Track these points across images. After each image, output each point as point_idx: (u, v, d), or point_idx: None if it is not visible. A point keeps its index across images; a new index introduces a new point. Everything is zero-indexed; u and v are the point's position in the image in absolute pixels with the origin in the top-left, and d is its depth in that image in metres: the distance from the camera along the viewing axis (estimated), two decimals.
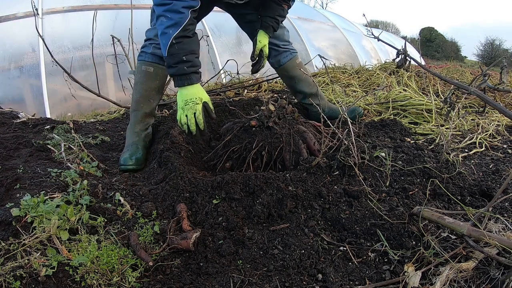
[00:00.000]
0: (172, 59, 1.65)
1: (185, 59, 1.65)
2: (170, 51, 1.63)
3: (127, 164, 1.85)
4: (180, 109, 1.69)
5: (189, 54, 1.66)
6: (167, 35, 1.62)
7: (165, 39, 1.62)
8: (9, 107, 2.80)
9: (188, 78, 1.67)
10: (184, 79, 1.67)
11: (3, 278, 1.03)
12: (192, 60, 1.67)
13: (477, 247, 1.07)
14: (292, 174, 1.52)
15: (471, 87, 1.35)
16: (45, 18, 3.66)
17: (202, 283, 1.11)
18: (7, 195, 1.47)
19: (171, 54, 1.64)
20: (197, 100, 1.67)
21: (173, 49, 1.62)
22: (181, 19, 1.62)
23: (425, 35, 30.89)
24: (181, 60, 1.64)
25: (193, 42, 1.70)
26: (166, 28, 1.62)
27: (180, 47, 1.63)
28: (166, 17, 1.62)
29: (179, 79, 1.68)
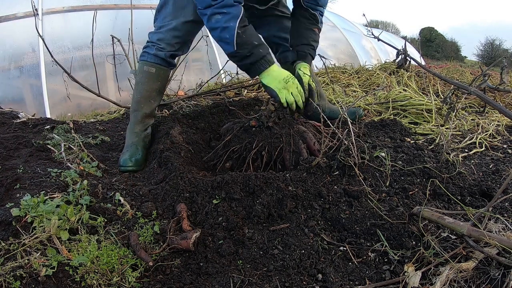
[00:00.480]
0: (244, 49, 1.62)
1: (257, 43, 1.64)
2: (239, 42, 1.60)
3: (126, 165, 1.84)
4: (281, 90, 1.66)
5: (256, 38, 1.66)
6: (229, 28, 1.59)
7: (229, 33, 1.59)
8: (9, 107, 2.80)
9: (267, 60, 1.66)
10: (265, 61, 1.65)
11: (3, 278, 1.03)
12: (262, 42, 1.68)
13: (477, 247, 1.07)
14: (292, 174, 1.52)
15: (471, 87, 1.35)
16: (45, 18, 3.66)
17: (202, 283, 1.11)
18: (7, 195, 1.47)
19: (242, 44, 1.61)
20: (291, 76, 1.68)
21: (241, 38, 1.60)
22: (237, 11, 1.62)
23: (425, 35, 30.89)
24: (254, 45, 1.63)
25: (252, 28, 1.69)
26: (226, 23, 1.59)
27: (248, 33, 1.63)
28: (222, 13, 1.60)
29: (261, 63, 1.65)
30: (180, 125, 2.16)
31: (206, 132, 2.20)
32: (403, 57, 3.82)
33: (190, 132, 2.10)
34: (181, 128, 2.09)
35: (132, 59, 3.21)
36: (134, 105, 2.08)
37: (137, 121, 2.05)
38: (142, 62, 2.07)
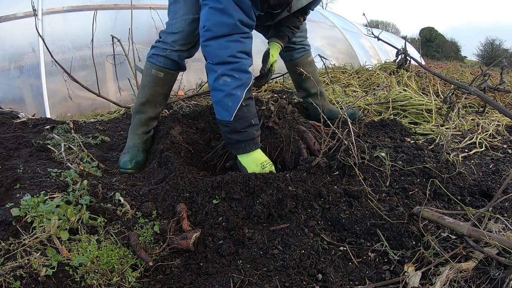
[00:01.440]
0: (240, 124, 1.52)
1: (254, 122, 1.55)
2: (239, 115, 1.50)
3: (126, 168, 1.83)
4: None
5: (255, 117, 1.58)
6: (235, 97, 1.49)
7: (233, 102, 1.49)
8: (9, 107, 2.80)
9: (256, 142, 1.58)
10: (252, 144, 1.57)
11: (3, 278, 1.03)
12: (258, 123, 1.60)
13: (477, 247, 1.07)
14: (292, 174, 1.52)
15: (471, 87, 1.35)
16: (45, 18, 3.65)
17: (202, 283, 1.11)
18: (7, 195, 1.47)
19: (240, 118, 1.51)
20: (269, 162, 1.61)
21: (242, 112, 1.50)
22: (248, 80, 1.52)
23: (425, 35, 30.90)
24: (250, 123, 1.54)
25: (254, 105, 1.61)
26: (233, 89, 1.48)
27: (249, 109, 1.53)
28: (233, 77, 1.48)
29: (247, 144, 1.56)
30: (180, 125, 2.16)
31: (206, 132, 2.19)
32: (403, 57, 3.81)
33: (190, 132, 2.10)
34: (181, 128, 2.09)
35: (132, 59, 3.21)
36: (138, 107, 2.02)
37: (141, 123, 2.01)
38: (151, 64, 1.96)
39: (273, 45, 2.05)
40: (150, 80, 1.98)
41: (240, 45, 1.50)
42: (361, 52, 7.25)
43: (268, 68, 2.03)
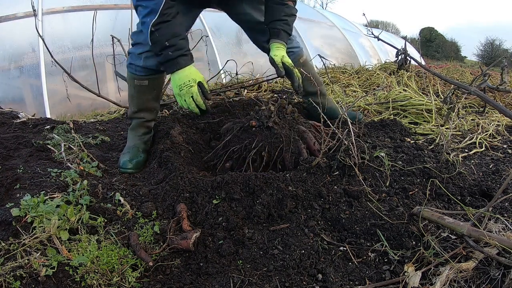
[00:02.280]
0: (155, 47, 1.61)
1: (168, 44, 1.59)
2: (152, 39, 1.59)
3: (126, 167, 1.83)
4: (177, 96, 1.64)
5: (171, 38, 1.59)
6: (145, 24, 1.59)
7: (145, 28, 1.59)
8: (9, 107, 2.80)
9: (176, 63, 1.62)
10: (172, 64, 1.62)
11: (3, 278, 1.03)
12: (175, 43, 1.60)
13: (477, 247, 1.07)
14: (292, 174, 1.52)
15: (471, 87, 1.35)
16: (45, 18, 3.66)
17: (202, 283, 1.11)
18: (7, 195, 1.47)
19: (154, 42, 1.60)
20: (190, 82, 1.60)
21: (154, 36, 1.58)
22: (156, 5, 1.56)
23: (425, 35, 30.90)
24: (164, 46, 1.59)
25: (174, 25, 1.61)
26: (143, 17, 1.59)
27: (161, 33, 1.58)
28: (142, 6, 1.59)
29: (168, 65, 1.63)
30: (180, 125, 2.16)
31: (206, 132, 2.19)
32: (403, 57, 3.82)
33: (190, 132, 2.10)
34: (181, 128, 2.09)
35: None
36: (132, 115, 2.02)
37: (139, 125, 2.02)
38: (131, 75, 1.93)
39: (272, 47, 1.95)
40: (136, 91, 1.96)
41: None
42: (361, 52, 7.25)
43: (281, 67, 1.90)
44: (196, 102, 1.61)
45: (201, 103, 1.62)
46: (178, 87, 1.62)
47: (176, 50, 1.61)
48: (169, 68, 1.64)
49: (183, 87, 1.61)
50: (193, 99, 1.61)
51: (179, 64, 1.62)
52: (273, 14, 1.96)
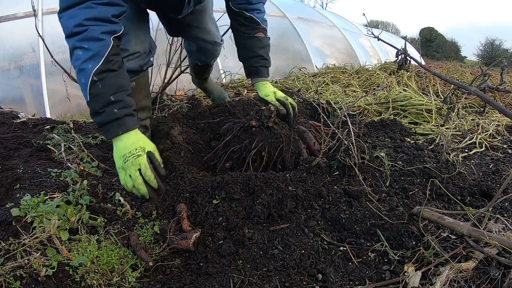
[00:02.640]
0: (96, 103, 1.24)
1: (114, 99, 1.25)
2: (93, 92, 1.23)
3: None
4: (121, 169, 1.25)
5: (118, 92, 1.26)
6: (85, 71, 1.23)
7: (84, 77, 1.23)
8: (9, 107, 2.80)
9: (121, 124, 1.26)
10: (117, 126, 1.26)
11: (3, 278, 1.03)
12: (122, 99, 1.27)
13: (477, 247, 1.07)
14: (292, 174, 1.52)
15: (471, 87, 1.35)
16: (45, 18, 3.65)
17: (202, 283, 1.11)
18: (7, 195, 1.47)
19: (95, 96, 1.24)
20: (138, 151, 1.24)
21: (95, 88, 1.23)
22: (102, 48, 1.25)
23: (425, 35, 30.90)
24: (109, 101, 1.24)
25: (120, 76, 1.30)
26: (83, 63, 1.24)
27: (105, 84, 1.24)
28: (82, 49, 1.24)
29: (111, 127, 1.26)
30: (180, 125, 2.16)
31: (206, 132, 2.19)
32: (403, 57, 3.82)
33: (190, 132, 2.10)
34: (181, 128, 2.09)
35: None
36: None
37: None
38: None
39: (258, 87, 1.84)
40: None
41: (90, 11, 1.25)
42: (361, 52, 7.25)
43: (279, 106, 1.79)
44: (144, 177, 1.22)
45: (151, 178, 1.22)
46: (122, 157, 1.24)
47: (123, 107, 1.27)
48: (112, 131, 1.26)
49: (128, 157, 1.23)
50: (140, 173, 1.22)
51: (125, 125, 1.27)
52: (246, 51, 1.84)
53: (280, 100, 1.80)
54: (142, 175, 1.21)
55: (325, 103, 2.87)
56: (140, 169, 1.22)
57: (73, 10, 1.25)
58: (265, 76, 1.85)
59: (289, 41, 5.76)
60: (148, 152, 1.26)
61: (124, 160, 1.23)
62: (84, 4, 1.24)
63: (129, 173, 1.22)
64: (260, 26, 1.80)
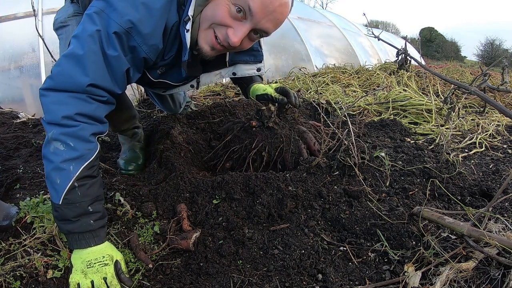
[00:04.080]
0: (71, 211, 1.10)
1: (92, 210, 1.14)
2: (69, 198, 1.10)
3: (127, 169, 1.83)
4: (80, 273, 1.09)
5: (96, 202, 1.16)
6: (65, 172, 1.09)
7: (61, 178, 1.09)
8: (9, 107, 2.80)
9: (95, 236, 1.14)
10: (90, 237, 1.13)
11: (3, 278, 1.03)
12: (100, 210, 1.17)
13: (477, 247, 1.07)
14: (292, 174, 1.52)
15: (471, 87, 1.35)
16: (45, 18, 3.65)
17: (202, 283, 1.11)
18: (7, 195, 1.47)
19: (71, 203, 1.10)
20: (105, 259, 1.12)
21: (73, 195, 1.10)
22: (89, 152, 1.14)
23: (425, 35, 30.90)
24: (86, 211, 1.12)
25: (99, 184, 1.19)
26: (64, 163, 1.09)
27: (84, 192, 1.12)
28: (67, 145, 1.10)
29: (81, 238, 1.12)
30: (180, 125, 2.16)
31: (206, 132, 2.20)
32: (403, 57, 3.82)
33: (190, 132, 2.10)
34: (181, 128, 2.09)
35: None
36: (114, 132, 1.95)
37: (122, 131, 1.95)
38: None
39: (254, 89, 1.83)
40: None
41: (84, 105, 1.14)
42: (361, 52, 7.26)
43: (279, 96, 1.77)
44: (110, 286, 1.09)
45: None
46: (86, 262, 1.10)
47: (99, 219, 1.16)
48: (83, 242, 1.13)
49: (94, 264, 1.10)
50: (105, 282, 1.09)
51: (99, 238, 1.15)
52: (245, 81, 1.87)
53: (277, 89, 1.79)
54: (108, 284, 1.09)
55: (325, 103, 2.87)
56: (106, 277, 1.09)
57: (65, 95, 1.12)
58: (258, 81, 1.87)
59: (289, 41, 5.76)
60: (115, 261, 1.14)
61: (88, 265, 1.10)
62: (79, 94, 1.14)
63: (91, 279, 1.08)
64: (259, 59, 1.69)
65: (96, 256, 1.11)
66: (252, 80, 1.87)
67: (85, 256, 1.11)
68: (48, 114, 1.12)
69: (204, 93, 3.53)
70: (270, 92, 1.77)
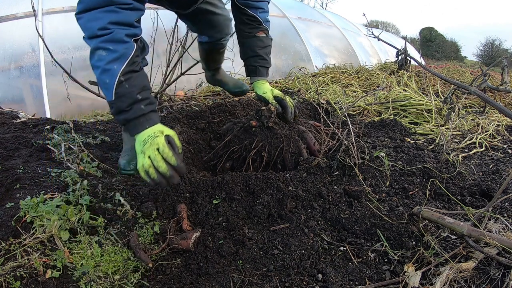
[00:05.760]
0: (123, 102, 1.29)
1: (140, 97, 1.32)
2: (119, 92, 1.28)
3: (127, 169, 1.83)
4: (141, 155, 1.28)
5: (143, 91, 1.33)
6: (110, 72, 1.27)
7: (109, 77, 1.27)
8: (9, 107, 2.80)
9: (148, 119, 1.33)
10: (144, 121, 1.32)
11: (3, 278, 1.03)
12: (148, 96, 1.35)
13: (477, 247, 1.07)
14: (292, 174, 1.52)
15: (471, 87, 1.35)
16: (45, 18, 3.65)
17: (202, 283, 1.11)
18: (7, 195, 1.47)
19: (122, 95, 1.29)
20: (156, 133, 1.30)
21: (122, 88, 1.28)
22: (127, 50, 1.30)
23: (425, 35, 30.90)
24: (136, 99, 1.30)
25: (143, 76, 1.37)
26: (108, 64, 1.27)
27: (131, 83, 1.30)
28: (107, 50, 1.27)
29: (137, 123, 1.32)
30: (180, 125, 2.16)
31: (206, 132, 2.19)
32: (403, 57, 3.82)
33: (190, 132, 2.10)
34: (181, 128, 2.09)
35: None
36: None
37: None
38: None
39: (256, 86, 1.85)
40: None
41: (114, 15, 1.29)
42: (361, 52, 7.26)
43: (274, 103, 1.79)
44: (162, 154, 1.24)
45: (170, 155, 1.25)
46: (142, 142, 1.29)
47: (149, 104, 1.35)
48: (139, 126, 1.32)
49: (147, 140, 1.29)
50: (159, 152, 1.25)
51: (152, 121, 1.34)
52: (247, 50, 1.85)
53: (277, 97, 1.81)
54: (161, 153, 1.24)
55: (325, 103, 2.87)
56: (159, 148, 1.25)
57: (95, 12, 1.28)
58: (263, 76, 1.86)
59: (289, 41, 5.77)
60: (166, 135, 1.31)
61: (144, 143, 1.28)
62: (108, 7, 1.28)
63: (147, 154, 1.25)
64: (261, 26, 1.82)
65: (148, 134, 1.30)
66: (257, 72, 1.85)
67: (141, 138, 1.30)
68: (87, 31, 1.30)
69: (204, 93, 3.53)
70: (269, 99, 1.80)
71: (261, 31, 1.82)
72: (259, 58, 1.83)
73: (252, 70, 1.85)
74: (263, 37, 1.84)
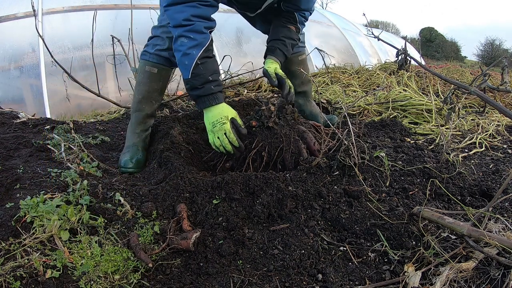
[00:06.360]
0: (197, 80, 1.62)
1: (211, 79, 1.63)
2: (195, 72, 1.60)
3: (127, 167, 1.84)
4: (210, 132, 1.68)
5: (214, 74, 1.64)
6: (190, 55, 1.59)
7: (188, 60, 1.59)
8: (9, 107, 2.80)
9: (215, 98, 1.66)
10: (212, 98, 1.65)
11: (3, 278, 1.03)
12: (217, 79, 1.66)
13: (477, 247, 1.07)
14: (292, 174, 1.52)
15: (471, 87, 1.35)
16: (45, 18, 3.65)
17: (202, 283, 1.11)
18: (7, 195, 1.47)
19: (197, 75, 1.61)
20: (223, 119, 1.65)
21: (198, 70, 1.60)
22: (204, 39, 1.61)
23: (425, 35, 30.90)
24: (208, 80, 1.62)
25: (216, 63, 1.69)
26: (189, 49, 1.59)
27: (205, 67, 1.62)
28: (188, 38, 1.59)
29: (206, 99, 1.65)
30: (180, 125, 2.16)
31: (206, 132, 2.19)
32: (403, 57, 3.81)
33: (190, 132, 2.10)
34: (181, 128, 2.09)
35: (132, 59, 3.21)
36: (135, 105, 2.06)
37: (139, 121, 2.04)
38: (144, 61, 2.03)
39: (267, 62, 2.00)
40: (145, 77, 2.03)
41: (195, 10, 1.59)
42: (361, 52, 7.26)
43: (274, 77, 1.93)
44: (229, 138, 1.64)
45: (234, 139, 1.64)
46: (212, 123, 1.66)
47: (217, 85, 1.66)
48: (207, 102, 1.66)
49: (216, 124, 1.65)
50: (226, 136, 1.64)
51: (218, 99, 1.66)
52: (274, 33, 2.04)
53: (278, 74, 1.93)
54: (227, 137, 1.64)
55: (325, 103, 2.87)
56: (226, 133, 1.64)
57: (181, 6, 1.58)
58: (278, 57, 1.99)
59: None
60: (231, 118, 1.67)
61: (213, 126, 1.66)
62: (191, 3, 1.59)
63: (217, 135, 1.66)
64: (296, 24, 2.05)
65: (216, 118, 1.65)
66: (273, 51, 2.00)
67: (210, 119, 1.67)
68: (173, 20, 1.61)
69: None
70: (270, 71, 1.93)
71: (293, 26, 2.04)
72: (281, 42, 2.00)
73: (270, 49, 2.01)
74: (292, 30, 2.04)
